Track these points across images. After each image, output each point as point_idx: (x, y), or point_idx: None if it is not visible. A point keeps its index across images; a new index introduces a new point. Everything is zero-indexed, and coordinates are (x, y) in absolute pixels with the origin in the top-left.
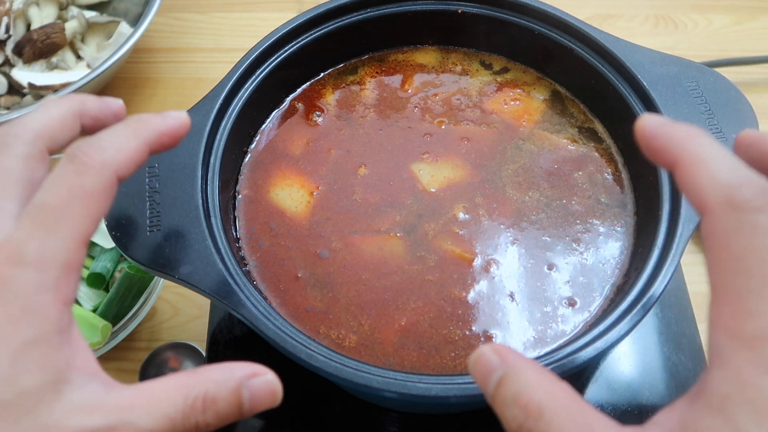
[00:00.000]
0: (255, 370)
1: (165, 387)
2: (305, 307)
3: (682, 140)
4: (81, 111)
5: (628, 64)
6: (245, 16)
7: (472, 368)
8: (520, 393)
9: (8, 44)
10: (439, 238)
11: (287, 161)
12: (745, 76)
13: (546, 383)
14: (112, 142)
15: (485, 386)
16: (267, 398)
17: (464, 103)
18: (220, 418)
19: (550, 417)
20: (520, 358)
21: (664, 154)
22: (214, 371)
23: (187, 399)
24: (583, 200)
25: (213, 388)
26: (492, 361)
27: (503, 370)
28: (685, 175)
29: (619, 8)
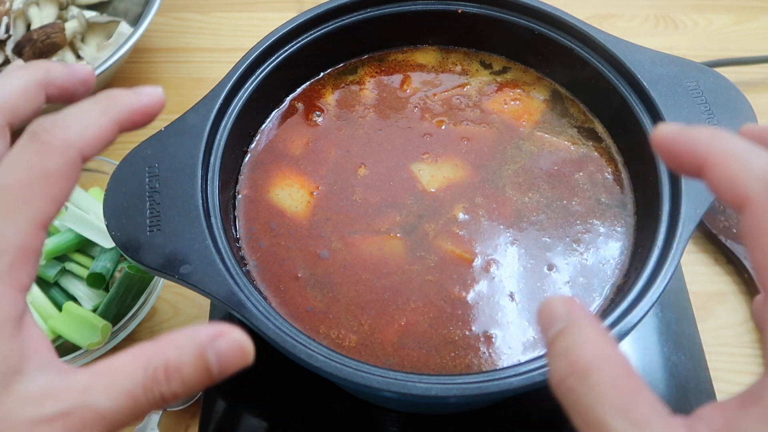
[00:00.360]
0: (220, 330)
1: (122, 361)
2: (305, 307)
3: (708, 140)
4: (46, 80)
5: (628, 63)
6: (245, 16)
7: (539, 314)
8: (572, 347)
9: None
10: (439, 238)
11: (287, 161)
12: (745, 75)
13: (602, 345)
14: (78, 120)
15: (546, 333)
16: (237, 358)
17: (464, 103)
18: (187, 385)
19: (595, 380)
20: (586, 314)
21: (689, 157)
22: (175, 337)
23: (147, 370)
24: (584, 201)
25: (174, 355)
26: (558, 311)
27: (566, 322)
28: (718, 174)
29: (619, 8)
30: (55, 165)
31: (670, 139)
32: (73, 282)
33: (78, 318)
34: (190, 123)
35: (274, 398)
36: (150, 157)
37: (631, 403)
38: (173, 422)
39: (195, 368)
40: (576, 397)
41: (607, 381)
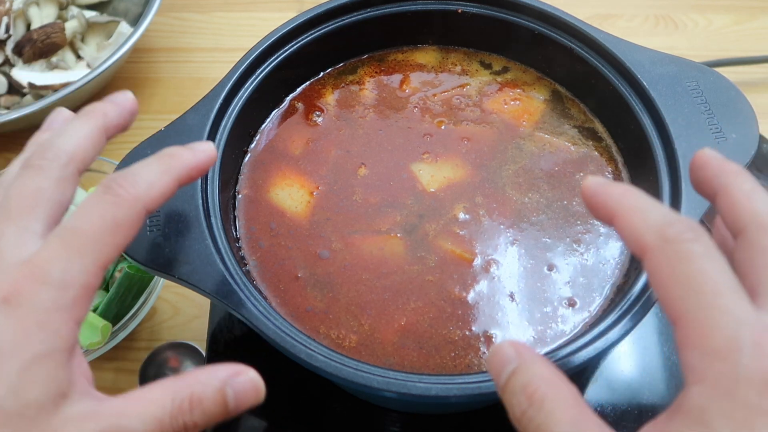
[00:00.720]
0: (238, 369)
1: (153, 392)
2: (305, 307)
3: (619, 196)
4: (105, 125)
5: (628, 63)
6: (245, 16)
7: (489, 359)
8: (528, 383)
9: (8, 44)
10: (439, 238)
11: (287, 161)
12: (745, 75)
13: (553, 378)
14: (146, 178)
15: (498, 376)
16: (251, 395)
17: (464, 103)
18: (207, 416)
19: (550, 408)
20: (534, 354)
21: (604, 211)
22: (199, 374)
23: (174, 401)
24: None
25: (199, 389)
26: (508, 354)
27: (517, 362)
28: (623, 225)
29: (619, 8)
30: (124, 217)
31: (590, 193)
32: None
33: None
34: (190, 123)
35: (274, 398)
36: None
37: (582, 423)
38: None
39: (215, 401)
40: (536, 425)
41: (561, 406)
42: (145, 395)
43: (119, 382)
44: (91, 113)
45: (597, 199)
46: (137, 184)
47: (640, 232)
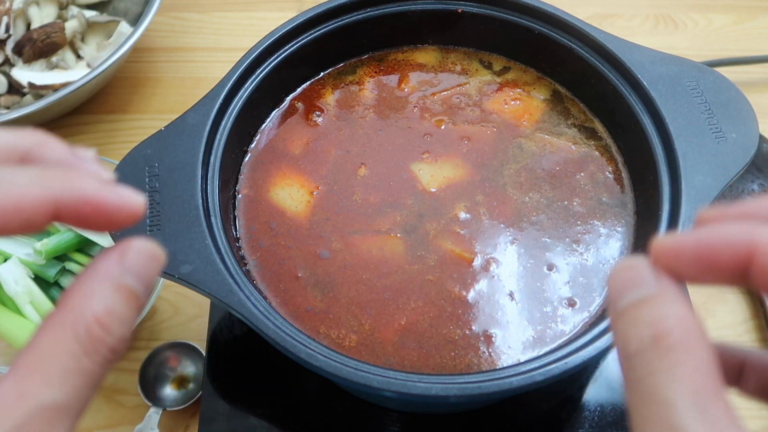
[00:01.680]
0: (119, 250)
1: (45, 345)
2: (305, 306)
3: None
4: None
5: (628, 63)
6: (245, 16)
7: (616, 272)
8: (661, 319)
9: (8, 44)
10: (439, 237)
11: (287, 161)
12: (745, 75)
13: (695, 329)
14: (4, 177)
15: (620, 296)
16: (152, 266)
17: (464, 102)
18: (128, 323)
19: (677, 362)
20: (679, 290)
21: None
22: (84, 285)
23: (78, 336)
24: (585, 201)
25: (97, 303)
26: (644, 276)
27: (655, 290)
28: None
29: (619, 8)
30: None
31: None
32: None
33: None
34: (190, 122)
35: (274, 398)
36: (150, 157)
37: (709, 399)
38: (173, 422)
39: (124, 302)
40: (647, 372)
41: (692, 367)
42: (38, 356)
43: (119, 382)
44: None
45: (710, 247)
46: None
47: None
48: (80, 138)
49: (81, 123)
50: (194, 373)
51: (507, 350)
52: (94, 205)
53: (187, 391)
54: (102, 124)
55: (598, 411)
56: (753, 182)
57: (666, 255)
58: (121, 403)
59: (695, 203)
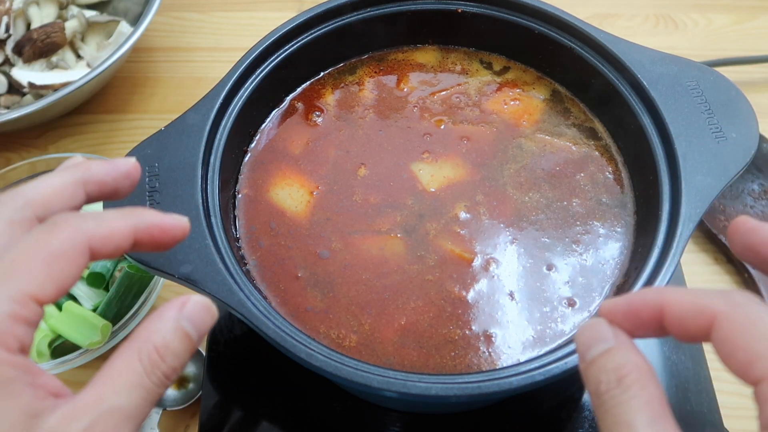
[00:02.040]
0: (182, 300)
1: (117, 365)
2: (305, 306)
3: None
4: (84, 178)
5: (628, 63)
6: (245, 16)
7: (581, 332)
8: (622, 365)
9: (8, 43)
10: (439, 237)
11: (287, 161)
12: (745, 75)
13: (648, 371)
14: (96, 215)
15: (587, 350)
16: (206, 317)
17: (463, 102)
18: (179, 357)
19: (636, 395)
20: (631, 341)
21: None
22: (150, 324)
23: (143, 360)
24: (584, 201)
25: (158, 338)
26: (604, 333)
27: (614, 343)
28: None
29: (619, 7)
30: (59, 245)
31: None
32: None
33: (78, 317)
34: (190, 122)
35: (274, 398)
36: (150, 157)
37: (660, 419)
38: (173, 422)
39: (180, 339)
40: (614, 404)
41: (647, 399)
42: (112, 372)
43: None
44: (72, 166)
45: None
46: (83, 218)
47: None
48: (80, 138)
49: (81, 123)
50: (194, 373)
51: (507, 350)
52: (161, 228)
53: (187, 391)
54: (102, 124)
55: None
56: (753, 182)
57: (607, 314)
58: None
59: (695, 203)
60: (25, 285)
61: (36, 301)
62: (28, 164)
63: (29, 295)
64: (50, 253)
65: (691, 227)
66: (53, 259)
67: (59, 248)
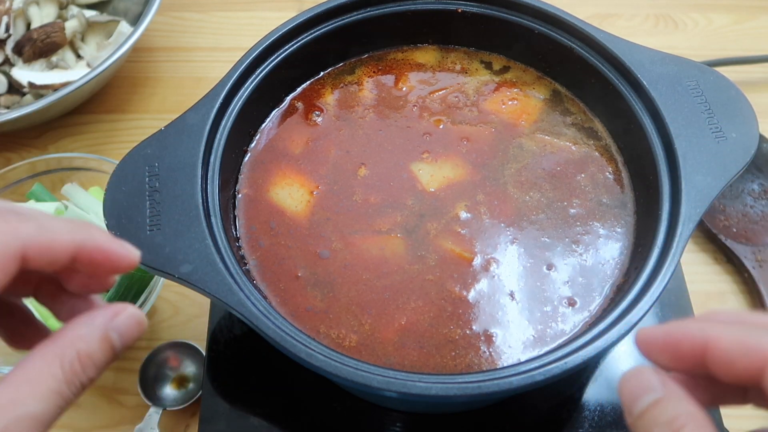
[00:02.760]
0: (115, 309)
1: (36, 366)
2: (305, 306)
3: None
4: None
5: (628, 63)
6: (245, 15)
7: (625, 381)
8: (676, 418)
9: (8, 43)
10: (440, 237)
11: (287, 160)
12: (745, 75)
13: (702, 421)
14: (42, 220)
15: (635, 402)
16: (134, 330)
17: (462, 102)
18: (99, 368)
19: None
20: (680, 388)
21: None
22: (78, 328)
23: (64, 366)
24: (585, 202)
25: (83, 346)
26: (651, 381)
27: (662, 393)
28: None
29: (618, 7)
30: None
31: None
32: None
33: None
34: (190, 122)
35: (274, 398)
36: (150, 157)
37: None
38: (173, 422)
39: (103, 351)
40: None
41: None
42: (29, 372)
43: (119, 382)
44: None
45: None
46: (27, 221)
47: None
48: (80, 138)
49: (81, 123)
50: (194, 373)
51: (507, 350)
52: (104, 253)
53: (187, 390)
54: (102, 123)
55: (598, 411)
56: (753, 182)
57: (642, 344)
58: (121, 402)
59: (695, 203)
60: None
61: None
62: (28, 164)
63: None
64: None
65: (691, 227)
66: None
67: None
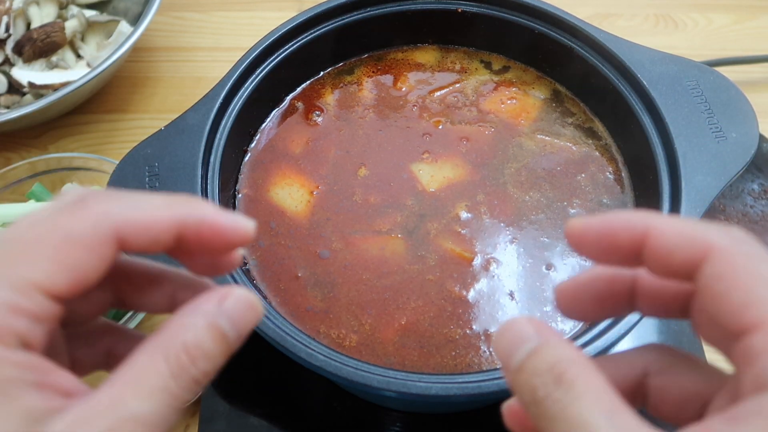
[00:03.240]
0: (222, 293)
1: (140, 363)
2: (305, 306)
3: (640, 215)
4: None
5: (628, 63)
6: (245, 15)
7: (499, 337)
8: (556, 363)
9: (8, 43)
10: (440, 237)
11: (287, 160)
12: (745, 75)
13: (585, 363)
14: (132, 200)
15: (511, 355)
16: (249, 315)
17: (461, 102)
18: (212, 360)
19: (583, 391)
20: (558, 334)
21: (623, 234)
22: (182, 318)
23: (169, 360)
24: (585, 202)
25: (189, 336)
26: (526, 332)
27: (538, 341)
28: (667, 235)
29: (619, 7)
30: (80, 228)
31: (590, 228)
32: None
33: None
34: (190, 122)
35: (274, 398)
36: (150, 156)
37: (617, 411)
38: None
39: (213, 340)
40: (560, 408)
41: (595, 392)
42: (133, 372)
43: None
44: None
45: (611, 226)
46: (112, 201)
47: (700, 233)
48: (80, 138)
49: (81, 123)
50: None
51: None
52: (212, 227)
53: None
54: (102, 123)
55: None
56: (753, 182)
57: (574, 234)
58: None
59: (695, 203)
60: (29, 271)
61: (43, 292)
62: (28, 164)
63: (33, 284)
64: (66, 237)
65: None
66: (69, 244)
67: (78, 232)
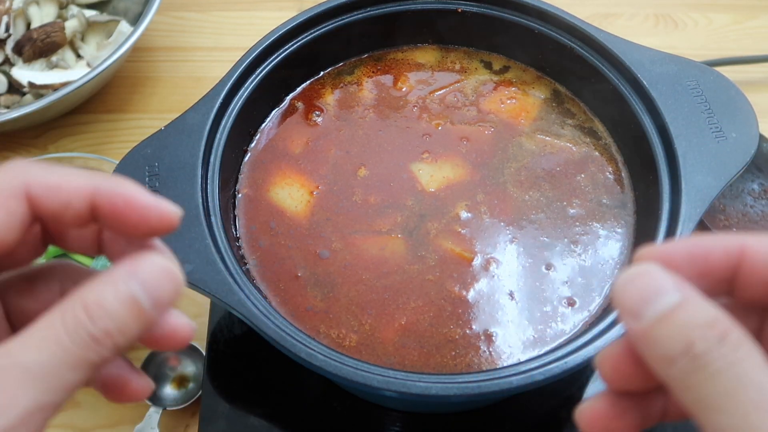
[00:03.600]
0: (136, 259)
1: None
2: (305, 306)
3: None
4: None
5: (628, 63)
6: (245, 15)
7: (626, 283)
8: (716, 321)
9: (8, 43)
10: (440, 237)
11: (287, 160)
12: (745, 75)
13: (737, 326)
14: (52, 167)
15: (647, 304)
16: (164, 281)
17: (461, 102)
18: (118, 321)
19: (749, 351)
20: (695, 288)
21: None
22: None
23: (64, 314)
24: (585, 202)
25: (92, 295)
26: (662, 283)
27: (681, 295)
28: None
29: (618, 7)
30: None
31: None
32: None
33: None
34: (190, 122)
35: (274, 398)
36: (150, 156)
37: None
38: (173, 422)
39: (119, 301)
40: (725, 364)
41: (758, 354)
42: (33, 326)
43: None
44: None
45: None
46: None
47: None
48: (80, 138)
49: (81, 123)
50: (194, 373)
51: (507, 350)
52: (129, 204)
53: (187, 390)
54: (102, 123)
55: None
56: (753, 182)
57: (663, 256)
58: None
59: (695, 203)
60: None
61: None
62: None
63: None
64: None
65: (691, 227)
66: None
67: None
